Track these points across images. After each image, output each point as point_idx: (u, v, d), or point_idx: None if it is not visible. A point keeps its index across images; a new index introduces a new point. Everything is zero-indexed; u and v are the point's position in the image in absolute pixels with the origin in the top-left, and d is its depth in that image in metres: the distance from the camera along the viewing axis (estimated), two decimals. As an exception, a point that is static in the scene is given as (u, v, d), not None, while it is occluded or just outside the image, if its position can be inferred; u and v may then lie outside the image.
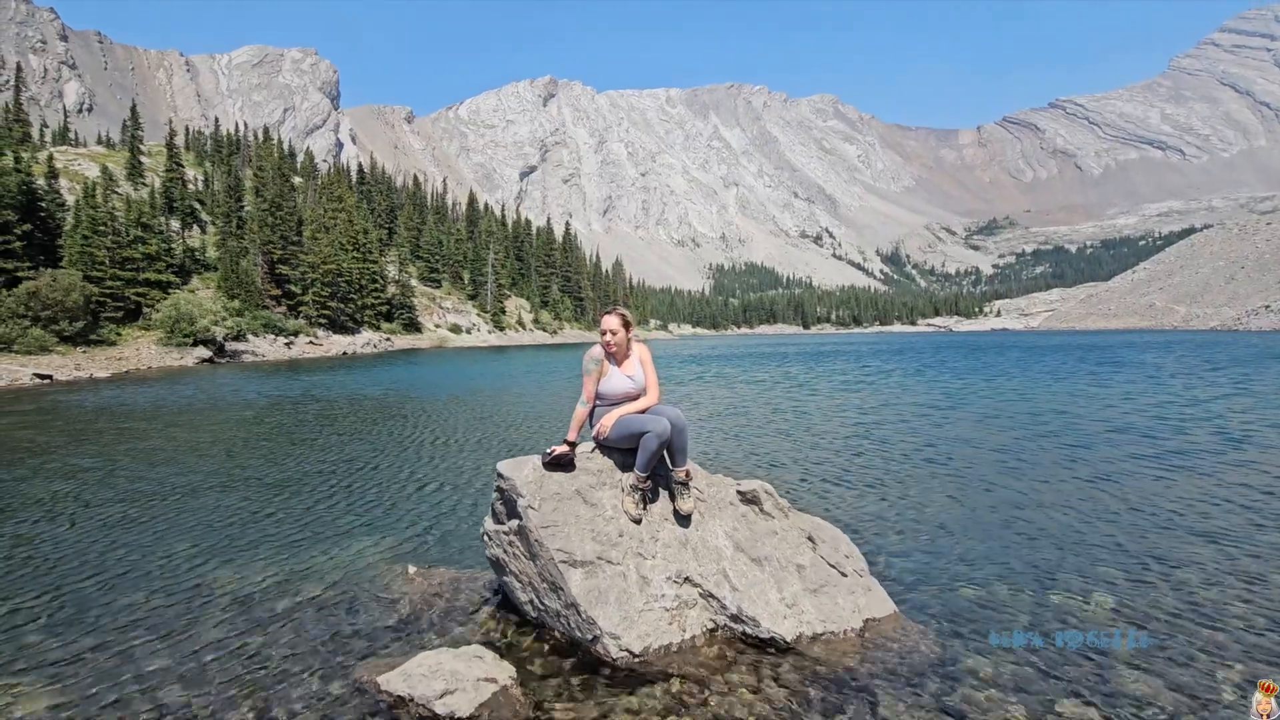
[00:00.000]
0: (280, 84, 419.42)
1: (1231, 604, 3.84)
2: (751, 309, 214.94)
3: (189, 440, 10.51)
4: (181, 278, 43.03)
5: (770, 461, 8.31)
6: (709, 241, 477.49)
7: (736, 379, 22.16)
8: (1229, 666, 3.18)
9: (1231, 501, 5.99)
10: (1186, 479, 6.87)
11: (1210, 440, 8.98)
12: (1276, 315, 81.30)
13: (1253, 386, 15.79)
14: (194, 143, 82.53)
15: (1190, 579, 4.21)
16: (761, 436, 10.26)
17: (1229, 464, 7.53)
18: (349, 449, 9.48)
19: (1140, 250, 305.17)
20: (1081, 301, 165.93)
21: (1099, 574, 4.34)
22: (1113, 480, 6.89)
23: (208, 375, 25.47)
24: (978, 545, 4.97)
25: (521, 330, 76.19)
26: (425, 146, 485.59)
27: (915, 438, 9.84)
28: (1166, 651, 3.32)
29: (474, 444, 9.80)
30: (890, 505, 6.16)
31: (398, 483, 7.43)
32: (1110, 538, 5.06)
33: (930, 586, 4.21)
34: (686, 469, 3.81)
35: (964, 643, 3.45)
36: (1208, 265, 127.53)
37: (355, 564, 4.80)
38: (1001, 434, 9.98)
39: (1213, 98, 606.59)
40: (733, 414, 13.09)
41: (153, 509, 6.43)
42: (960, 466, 7.77)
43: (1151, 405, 12.78)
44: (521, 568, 3.69)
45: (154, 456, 9.09)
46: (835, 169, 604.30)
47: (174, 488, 7.30)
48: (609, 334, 3.85)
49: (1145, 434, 9.58)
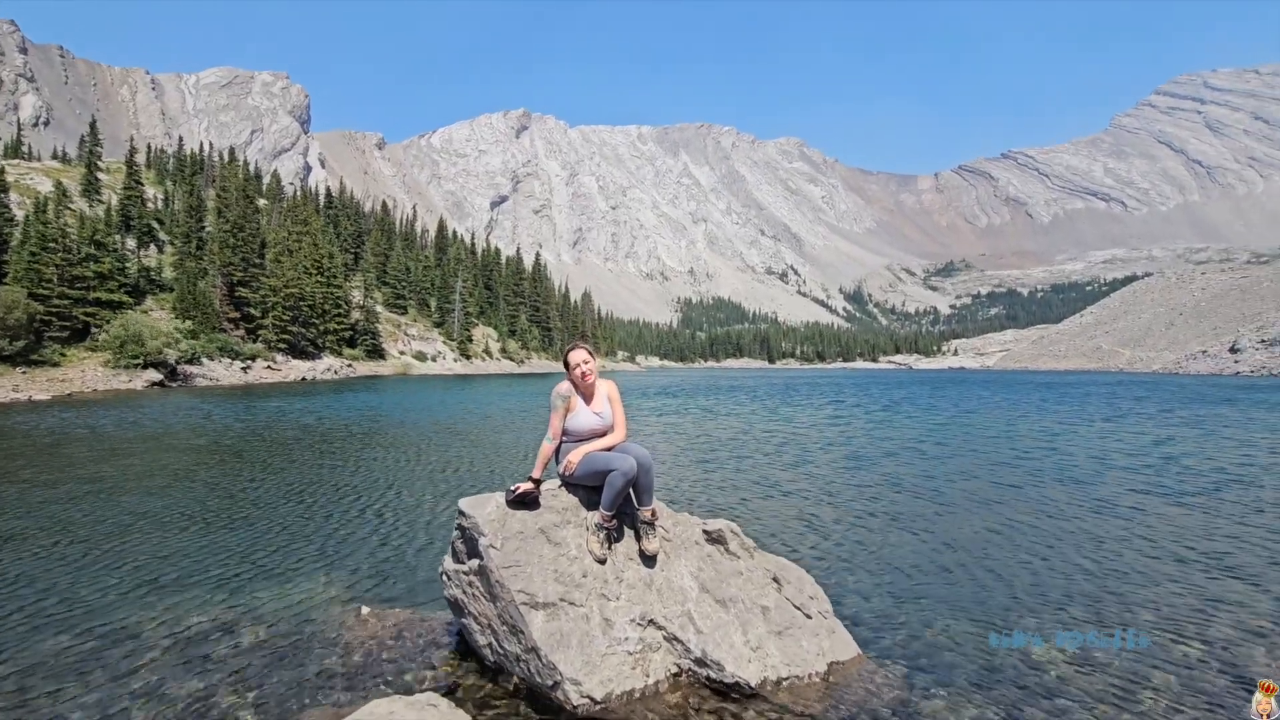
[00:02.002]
0: (249, 106, 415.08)
1: (1188, 643, 3.92)
2: (718, 343, 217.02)
3: (129, 469, 10.01)
4: (135, 298, 41.58)
5: (736, 499, 8.29)
6: (677, 275, 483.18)
7: (705, 413, 22.21)
8: (1183, 711, 3.23)
9: (1186, 535, 6.18)
10: (1142, 516, 7.07)
11: (1162, 479, 9.29)
12: (1213, 360, 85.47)
13: (1203, 426, 16.47)
14: (156, 161, 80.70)
15: (1147, 618, 4.29)
16: (727, 473, 10.25)
17: (1182, 502, 7.79)
18: (301, 480, 9.15)
19: (1087, 295, 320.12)
20: (1034, 342, 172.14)
21: (1058, 615, 4.39)
22: (1069, 518, 7.05)
23: (156, 399, 24.45)
24: (940, 585, 5.00)
25: (488, 359, 75.41)
26: (396, 173, 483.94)
27: (880, 474, 9.96)
28: (1128, 693, 3.37)
29: (434, 477, 9.56)
30: (854, 544, 6.18)
31: (353, 517, 7.17)
32: (1068, 577, 5.15)
33: (893, 627, 4.21)
34: (653, 508, 3.77)
35: (926, 686, 3.44)
36: (1149, 311, 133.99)
37: (304, 604, 4.59)
38: (964, 471, 10.16)
39: (1151, 155, 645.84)
40: (699, 449, 13.08)
41: (86, 543, 6.07)
42: (924, 504, 7.87)
43: (1106, 444, 13.21)
44: (481, 609, 3.57)
45: (91, 486, 8.62)
46: (800, 209, 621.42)
47: (110, 520, 6.91)
48: (582, 364, 3.82)
49: (1100, 473, 9.87)
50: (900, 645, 3.94)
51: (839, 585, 4.96)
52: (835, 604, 4.18)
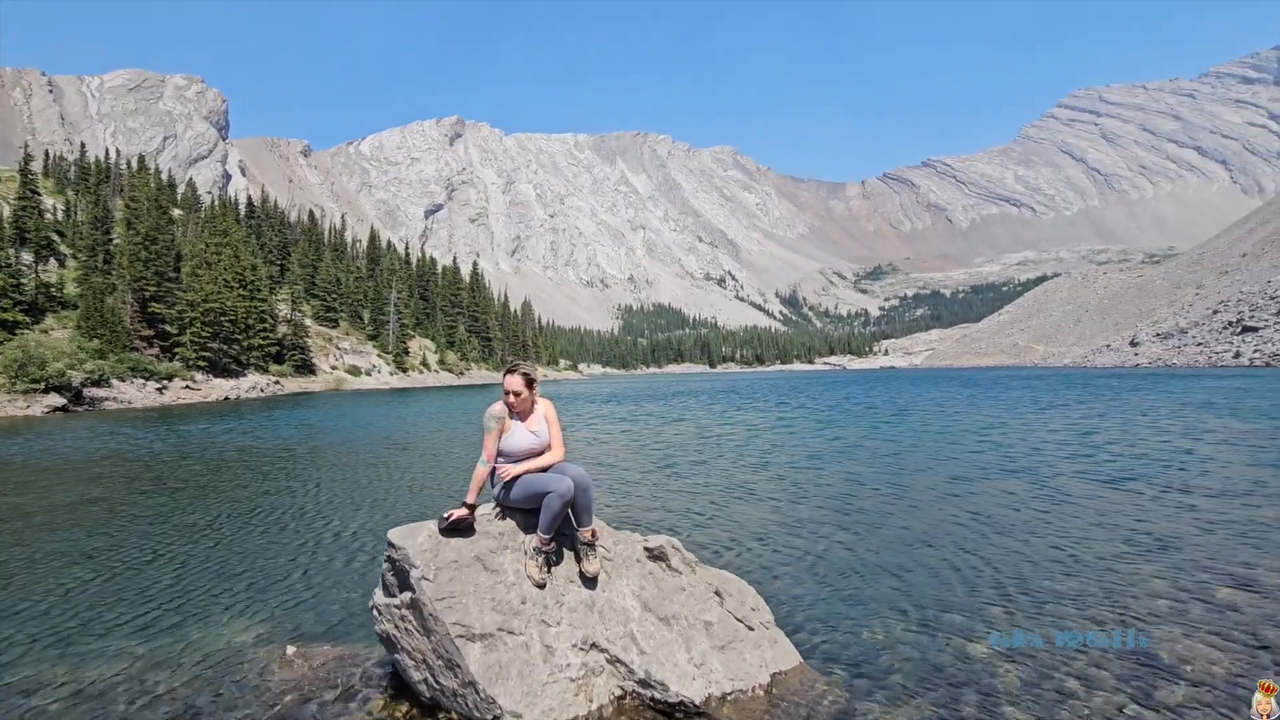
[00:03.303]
0: (160, 111, 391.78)
1: (1108, 654, 4.14)
2: (660, 349, 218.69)
3: (22, 505, 9.18)
4: (33, 316, 38.42)
5: (677, 511, 8.30)
6: (617, 283, 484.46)
7: (652, 418, 22.25)
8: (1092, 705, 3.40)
9: (1118, 527, 6.57)
10: (1069, 509, 7.48)
11: (1098, 468, 9.88)
12: (1116, 353, 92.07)
13: (1112, 415, 17.65)
14: (55, 168, 75.10)
15: (1074, 612, 4.52)
16: (669, 482, 10.27)
17: (1105, 492, 8.29)
18: (218, 511, 8.60)
19: (1004, 294, 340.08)
20: (957, 341, 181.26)
21: (990, 611, 4.57)
22: (1007, 513, 7.38)
23: (58, 426, 22.59)
24: (878, 587, 5.13)
25: (426, 371, 73.42)
26: (323, 181, 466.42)
27: (819, 477, 10.19)
28: (1052, 683, 3.52)
29: (365, 503, 9.17)
30: (794, 549, 6.28)
31: (276, 549, 6.77)
32: (1008, 573, 5.37)
33: (834, 633, 4.28)
34: (592, 528, 3.71)
35: (867, 690, 3.50)
36: (1059, 309, 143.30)
37: (222, 647, 4.29)
38: (902, 471, 10.52)
39: (1055, 163, 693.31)
40: (642, 460, 13.07)
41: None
42: (864, 505, 8.09)
43: (1036, 437, 13.96)
44: (415, 644, 3.42)
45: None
46: (736, 215, 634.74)
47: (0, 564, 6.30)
48: (512, 395, 3.73)
49: (1034, 465, 10.41)
50: (841, 650, 4.01)
51: (781, 593, 5.02)
52: (777, 612, 4.22)
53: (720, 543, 6.61)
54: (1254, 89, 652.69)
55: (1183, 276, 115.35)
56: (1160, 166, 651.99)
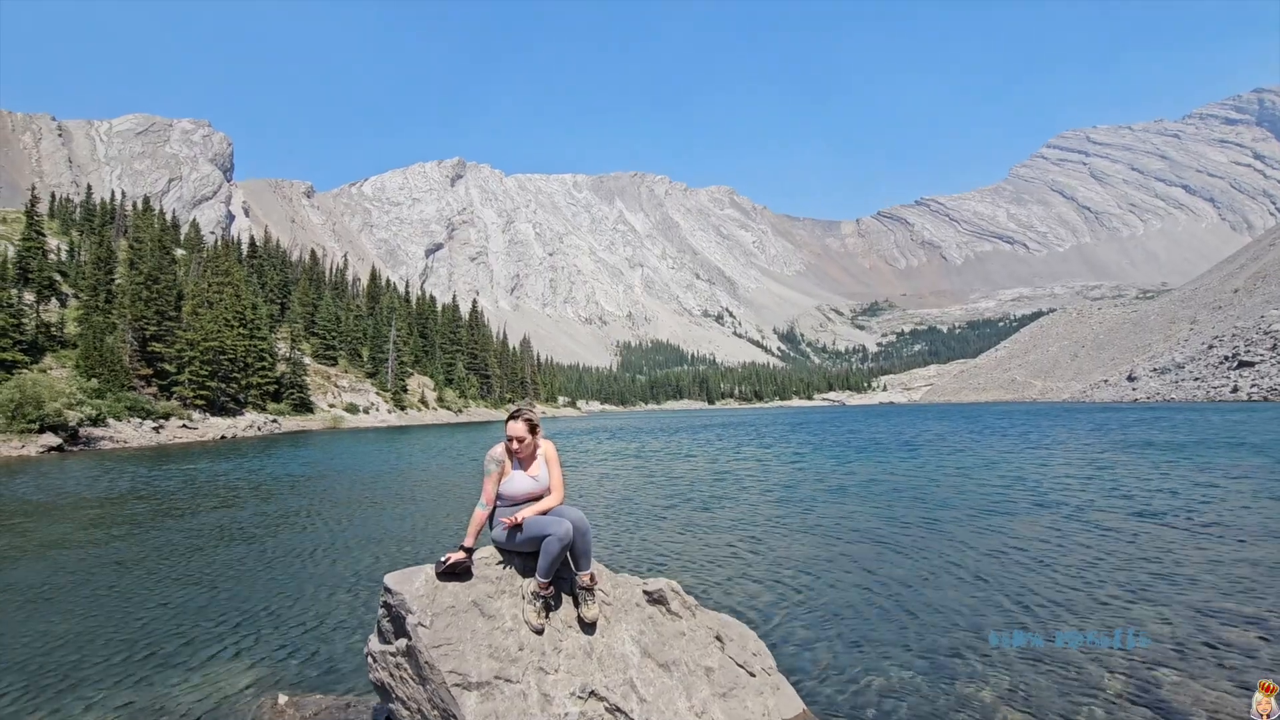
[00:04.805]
0: (167, 154, 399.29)
1: (1110, 688, 4.07)
2: (658, 385, 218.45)
3: (11, 548, 9.05)
4: (33, 355, 38.44)
5: (676, 553, 8.21)
6: (616, 320, 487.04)
7: (653, 455, 22.10)
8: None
9: (1149, 558, 6.49)
10: (1082, 550, 7.40)
11: (1111, 503, 9.80)
12: (1114, 388, 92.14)
13: (1131, 452, 17.59)
14: (60, 210, 76.21)
15: (1081, 657, 4.45)
16: (667, 522, 10.17)
17: (1108, 530, 8.21)
18: (211, 554, 8.49)
19: (1000, 330, 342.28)
20: (955, 376, 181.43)
21: (995, 656, 4.50)
22: (1009, 550, 7.30)
23: (53, 466, 22.40)
24: (880, 630, 5.05)
25: (425, 409, 73.14)
26: (326, 221, 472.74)
27: (817, 520, 10.10)
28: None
29: (360, 545, 9.05)
30: (794, 592, 6.19)
31: (270, 593, 6.66)
32: (1007, 613, 5.30)
33: (837, 678, 4.20)
34: (591, 572, 3.67)
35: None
36: (1055, 344, 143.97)
37: (213, 695, 4.19)
38: (900, 512, 10.43)
39: (1046, 201, 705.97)
40: (642, 498, 12.96)
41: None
42: (861, 549, 8.00)
43: (1043, 472, 13.88)
44: (410, 693, 3.35)
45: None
46: (733, 253, 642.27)
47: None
48: (515, 441, 3.73)
49: (1031, 506, 10.33)
50: (844, 697, 3.94)
51: (782, 638, 4.94)
52: (778, 657, 4.15)
53: (720, 584, 6.52)
54: (1237, 129, 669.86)
55: (1177, 312, 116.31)
56: (1149, 204, 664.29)
